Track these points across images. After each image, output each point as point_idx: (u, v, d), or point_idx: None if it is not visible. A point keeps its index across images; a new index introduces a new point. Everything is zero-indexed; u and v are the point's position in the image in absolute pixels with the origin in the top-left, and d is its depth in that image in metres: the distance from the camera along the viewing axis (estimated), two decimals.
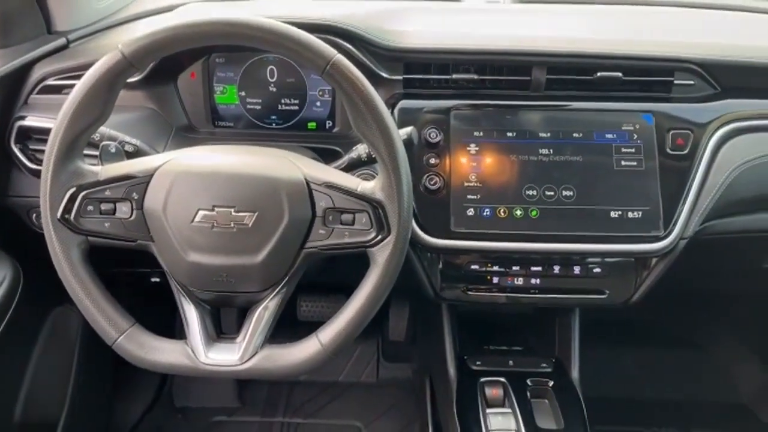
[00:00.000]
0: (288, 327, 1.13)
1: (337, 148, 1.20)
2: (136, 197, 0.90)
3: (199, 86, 1.25)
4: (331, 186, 0.91)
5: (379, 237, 0.90)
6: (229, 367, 0.92)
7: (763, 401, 1.95)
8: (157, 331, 0.97)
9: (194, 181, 0.89)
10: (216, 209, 0.88)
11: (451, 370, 1.30)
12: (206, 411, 1.90)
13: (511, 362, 1.30)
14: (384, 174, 0.89)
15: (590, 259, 1.14)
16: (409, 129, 1.01)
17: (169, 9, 1.35)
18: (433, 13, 1.41)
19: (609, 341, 1.98)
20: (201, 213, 0.88)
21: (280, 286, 0.93)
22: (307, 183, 0.91)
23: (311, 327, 0.95)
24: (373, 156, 0.92)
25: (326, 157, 1.17)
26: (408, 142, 1.01)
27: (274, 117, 1.27)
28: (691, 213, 1.12)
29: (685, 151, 1.14)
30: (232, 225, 0.88)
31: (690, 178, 1.13)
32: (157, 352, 0.92)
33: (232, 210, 0.88)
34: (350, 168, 1.05)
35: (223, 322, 1.01)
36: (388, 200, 0.89)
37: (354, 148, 1.05)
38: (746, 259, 1.35)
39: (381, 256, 0.90)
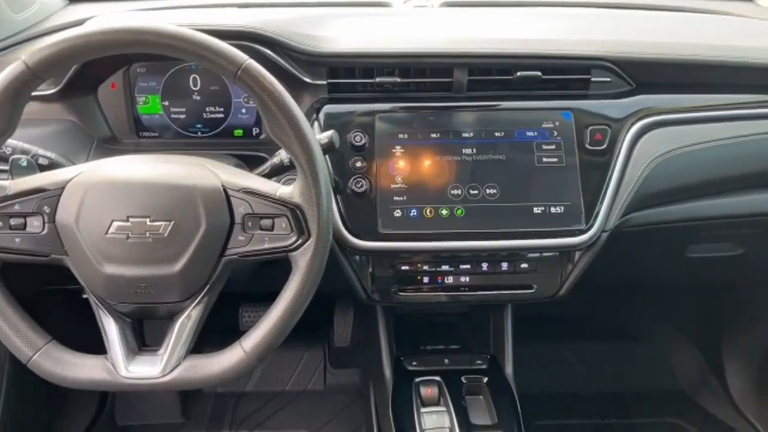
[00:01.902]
0: (230, 337, 1.11)
1: (265, 155, 1.19)
2: (47, 211, 0.88)
3: (121, 97, 1.23)
4: (248, 192, 0.91)
5: (300, 241, 0.90)
6: (151, 380, 0.90)
7: (700, 387, 2.01)
8: (94, 347, 0.94)
9: (107, 192, 0.88)
10: (130, 220, 0.87)
11: (387, 372, 1.30)
12: (150, 428, 1.86)
13: (446, 361, 1.31)
14: (302, 177, 0.89)
15: (517, 255, 1.16)
16: (329, 132, 1.02)
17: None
18: (359, 18, 1.42)
19: (549, 337, 2.03)
20: (115, 224, 0.87)
21: (201, 295, 0.92)
22: (225, 189, 0.90)
23: None
24: None
25: (254, 164, 1.16)
26: (329, 146, 1.01)
27: (199, 126, 1.26)
28: (612, 206, 1.15)
29: (604, 146, 1.17)
30: (147, 235, 0.87)
31: (609, 172, 1.16)
32: (76, 368, 0.90)
33: (147, 220, 0.87)
34: (274, 173, 1.04)
35: (152, 335, 1.00)
36: (307, 204, 0.89)
37: (276, 153, 1.04)
38: (669, 249, 1.40)
39: (302, 260, 0.90)
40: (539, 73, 1.18)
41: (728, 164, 1.22)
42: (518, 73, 1.18)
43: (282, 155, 1.03)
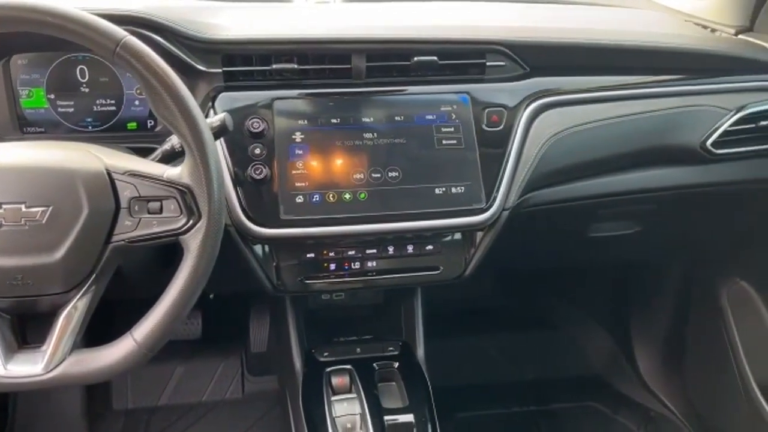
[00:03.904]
0: None
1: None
2: None
3: (1, 90, 1.16)
4: (134, 174, 0.87)
5: (191, 222, 0.87)
6: (32, 378, 0.84)
7: (613, 370, 2.08)
8: None
9: None
10: (3, 207, 0.81)
11: (297, 363, 1.28)
12: None
13: (358, 350, 1.30)
14: (190, 157, 0.86)
15: (422, 237, 1.17)
16: (221, 115, 0.98)
17: None
18: (257, 10, 1.40)
19: (465, 331, 2.06)
20: None
21: (87, 285, 0.87)
22: (108, 173, 0.86)
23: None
24: None
25: (148, 156, 1.12)
26: (222, 128, 0.98)
27: (89, 120, 1.20)
28: (511, 185, 1.17)
29: (500, 127, 1.19)
30: (23, 222, 0.82)
31: (507, 153, 1.18)
32: None
33: (23, 206, 0.82)
34: (165, 161, 1.00)
35: (39, 333, 0.93)
36: (196, 184, 0.86)
37: (168, 139, 1.01)
38: (572, 229, 1.44)
39: (194, 242, 0.87)
40: (435, 58, 1.20)
41: (617, 142, 1.27)
42: (415, 59, 1.19)
43: (173, 141, 1.00)
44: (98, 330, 0.98)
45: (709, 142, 1.30)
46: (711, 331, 1.74)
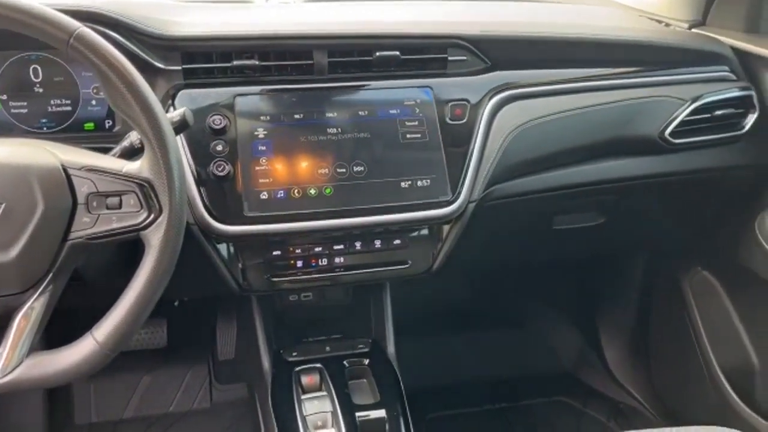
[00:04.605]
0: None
1: None
2: None
3: None
4: (92, 169, 0.85)
5: (152, 217, 0.84)
6: None
7: (582, 364, 2.11)
8: None
9: None
10: None
11: (266, 364, 1.25)
12: None
13: (328, 348, 1.29)
14: (150, 150, 0.84)
15: (389, 231, 1.16)
16: (181, 110, 0.96)
17: None
18: (216, 10, 1.39)
19: (435, 331, 2.05)
20: None
21: (44, 284, 0.84)
22: (64, 169, 0.84)
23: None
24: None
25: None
26: (182, 123, 0.96)
27: (44, 120, 1.17)
28: (476, 177, 1.18)
29: (464, 121, 1.20)
30: None
31: (471, 145, 1.19)
32: None
33: None
34: (126, 158, 0.98)
35: None
36: (157, 178, 0.84)
37: (126, 135, 0.99)
38: (537, 222, 1.45)
39: (155, 237, 0.84)
40: (398, 53, 1.20)
41: (578, 133, 1.29)
42: (377, 54, 1.19)
43: (132, 137, 0.98)
44: (57, 333, 0.95)
45: (667, 132, 1.32)
46: (675, 322, 1.77)
